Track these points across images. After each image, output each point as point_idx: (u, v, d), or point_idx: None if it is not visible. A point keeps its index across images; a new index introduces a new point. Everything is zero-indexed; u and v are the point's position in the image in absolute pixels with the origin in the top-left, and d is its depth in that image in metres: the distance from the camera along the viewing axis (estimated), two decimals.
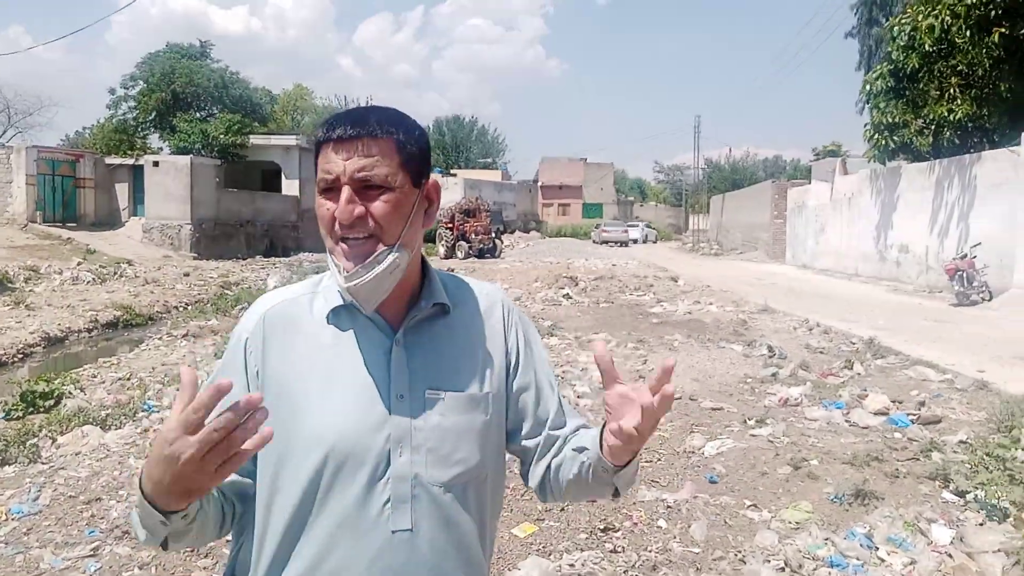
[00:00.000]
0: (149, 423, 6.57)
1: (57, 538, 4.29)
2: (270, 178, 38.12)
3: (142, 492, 1.10)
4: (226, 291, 19.43)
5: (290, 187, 37.14)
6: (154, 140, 37.36)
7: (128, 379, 8.66)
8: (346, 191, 1.22)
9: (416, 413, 1.28)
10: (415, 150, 1.29)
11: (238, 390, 1.25)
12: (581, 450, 1.36)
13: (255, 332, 1.32)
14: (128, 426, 6.49)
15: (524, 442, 1.44)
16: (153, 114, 36.87)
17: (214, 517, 1.26)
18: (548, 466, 1.43)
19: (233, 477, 1.26)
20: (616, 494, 1.37)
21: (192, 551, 4.04)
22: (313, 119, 55.52)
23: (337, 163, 1.23)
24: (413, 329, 1.32)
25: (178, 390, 1.07)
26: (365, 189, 1.23)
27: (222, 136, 34.62)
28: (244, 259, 29.94)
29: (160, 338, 12.19)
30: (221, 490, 1.28)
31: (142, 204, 31.13)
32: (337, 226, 1.24)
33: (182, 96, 36.49)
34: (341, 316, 1.31)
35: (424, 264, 1.39)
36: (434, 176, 1.35)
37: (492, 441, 1.38)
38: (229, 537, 1.38)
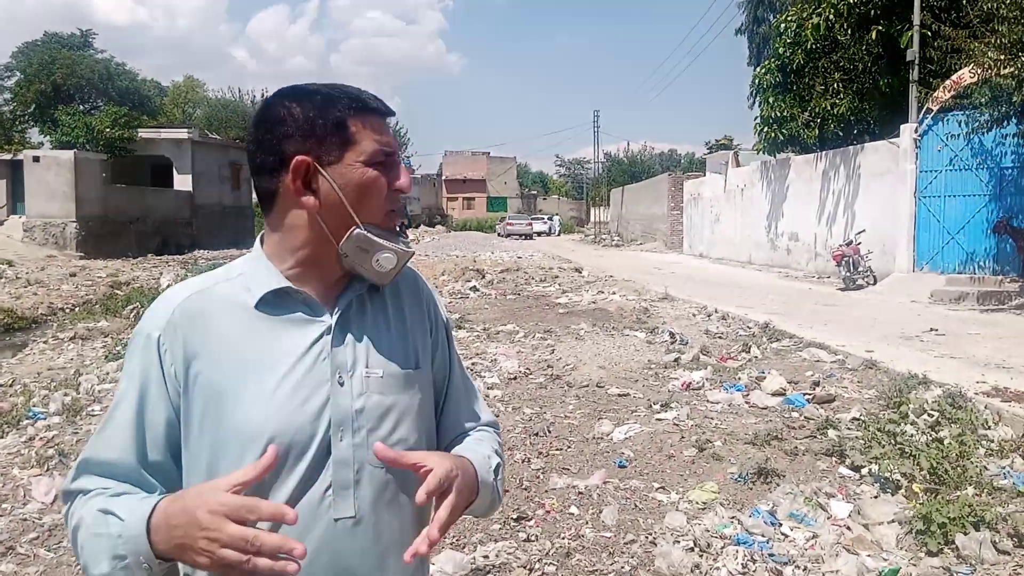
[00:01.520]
0: (35, 431, 6.17)
1: None
2: (161, 173, 36.55)
3: (148, 528, 1.08)
4: (116, 291, 18.51)
5: (182, 182, 35.73)
6: (34, 134, 35.37)
7: (11, 385, 8.13)
8: (403, 165, 1.28)
9: (356, 395, 1.24)
10: None
11: (156, 392, 1.21)
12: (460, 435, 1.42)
13: (168, 328, 1.22)
14: (11, 435, 6.08)
15: (441, 419, 1.45)
16: (32, 106, 34.89)
17: None
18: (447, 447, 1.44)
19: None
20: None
21: None
22: (205, 112, 53.57)
23: (391, 137, 1.28)
24: (347, 310, 1.29)
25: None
26: None
27: (108, 129, 32.97)
28: (135, 258, 28.56)
29: (46, 341, 11.49)
30: None
31: (22, 201, 29.30)
32: (393, 197, 1.27)
33: (63, 88, 34.62)
34: (270, 301, 1.25)
35: None
36: None
37: (426, 419, 1.36)
38: None
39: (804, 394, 6.86)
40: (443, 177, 74.46)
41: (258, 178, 1.25)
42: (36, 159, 29.02)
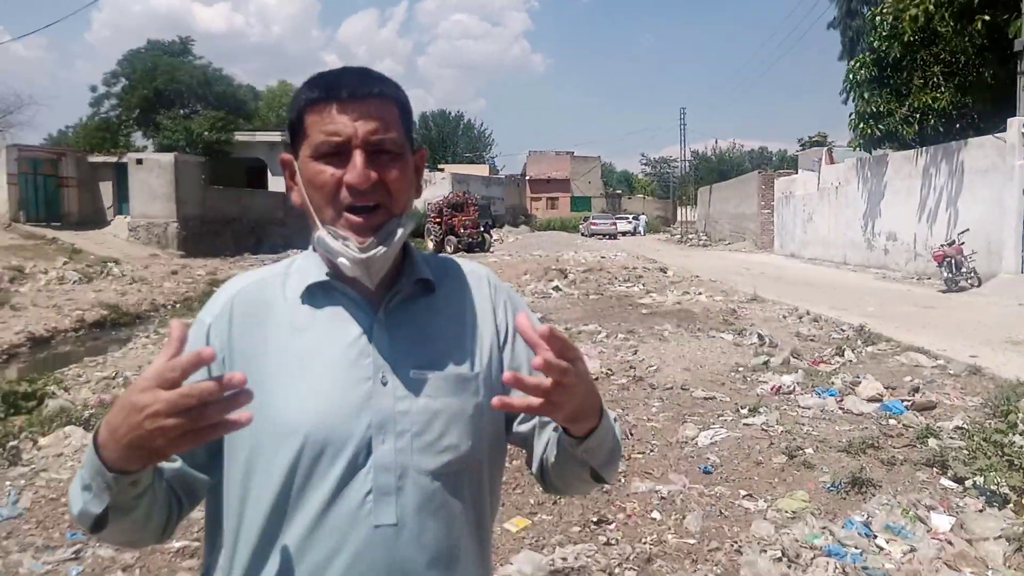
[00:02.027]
0: None
1: (38, 542, 4.19)
2: (255, 175, 37.84)
3: (95, 443, 1.00)
4: (214, 288, 19.17)
5: (276, 183, 36.85)
6: (138, 138, 37.07)
7: (114, 378, 8.53)
8: (360, 155, 1.13)
9: (400, 396, 1.17)
10: (410, 114, 1.24)
11: (200, 377, 1.15)
12: (556, 427, 1.23)
13: (220, 316, 1.21)
14: None
15: (518, 427, 1.32)
16: (136, 111, 36.59)
17: (160, 506, 1.15)
18: (544, 451, 1.30)
19: (183, 467, 1.18)
20: (597, 477, 1.23)
21: (177, 553, 3.95)
22: None
23: (345, 124, 1.14)
24: (395, 307, 1.22)
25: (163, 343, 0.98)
26: (375, 154, 1.15)
27: (206, 133, 34.37)
28: (231, 256, 29.71)
29: (147, 336, 12.05)
30: (170, 483, 1.18)
31: (127, 202, 30.81)
32: (345, 193, 1.14)
33: (165, 93, 36.18)
34: (316, 294, 1.21)
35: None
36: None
37: (486, 426, 1.25)
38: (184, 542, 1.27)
39: (902, 400, 6.56)
40: (527, 177, 74.64)
41: None
42: (139, 162, 30.47)
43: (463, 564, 1.22)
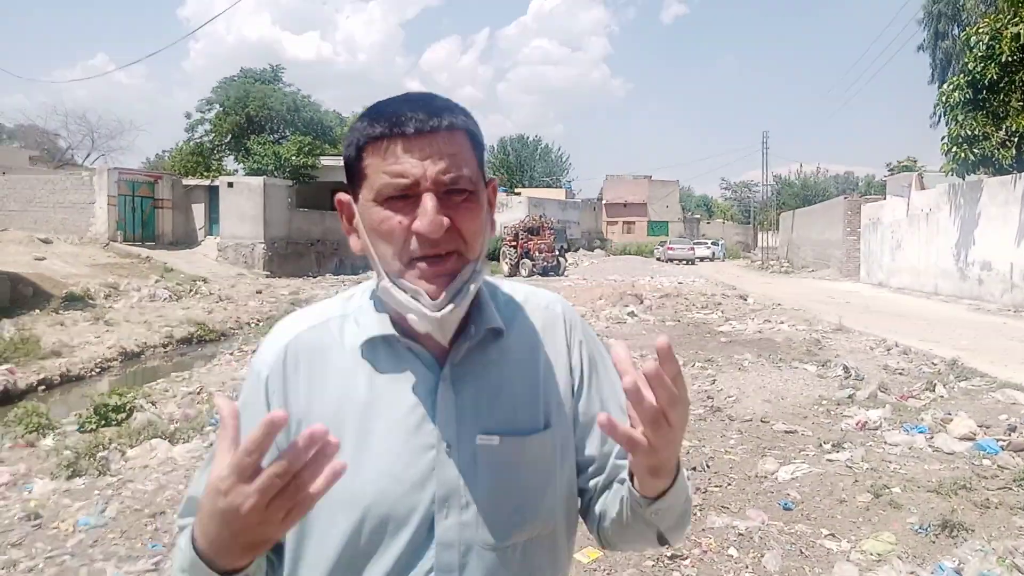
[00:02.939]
0: (216, 437, 6.62)
1: (121, 551, 4.33)
2: None
3: (196, 551, 0.91)
4: (296, 307, 19.75)
5: None
6: (229, 162, 38.64)
7: (199, 393, 8.82)
8: (430, 199, 1.00)
9: (465, 466, 1.07)
10: (482, 144, 1.11)
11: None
12: (623, 480, 1.12)
13: (275, 368, 1.11)
14: (195, 440, 6.58)
15: (590, 481, 1.21)
16: (228, 137, 38.12)
17: (263, 571, 1.08)
18: (602, 505, 1.19)
19: None
20: (663, 540, 1.12)
21: None
22: None
23: (413, 164, 1.01)
24: (462, 360, 1.11)
25: (217, 425, 0.88)
26: (447, 195, 1.03)
27: (293, 158, 35.50)
28: (314, 277, 30.58)
29: (231, 353, 12.43)
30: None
31: (217, 224, 32.11)
32: (415, 244, 1.02)
33: (255, 119, 37.58)
34: (377, 348, 1.11)
35: None
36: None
37: (561, 485, 1.16)
38: None
39: (997, 440, 6.20)
40: (603, 201, 74.44)
41: None
42: (230, 185, 31.75)
43: None
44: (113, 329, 14.63)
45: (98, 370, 11.73)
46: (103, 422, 7.27)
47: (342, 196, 1.12)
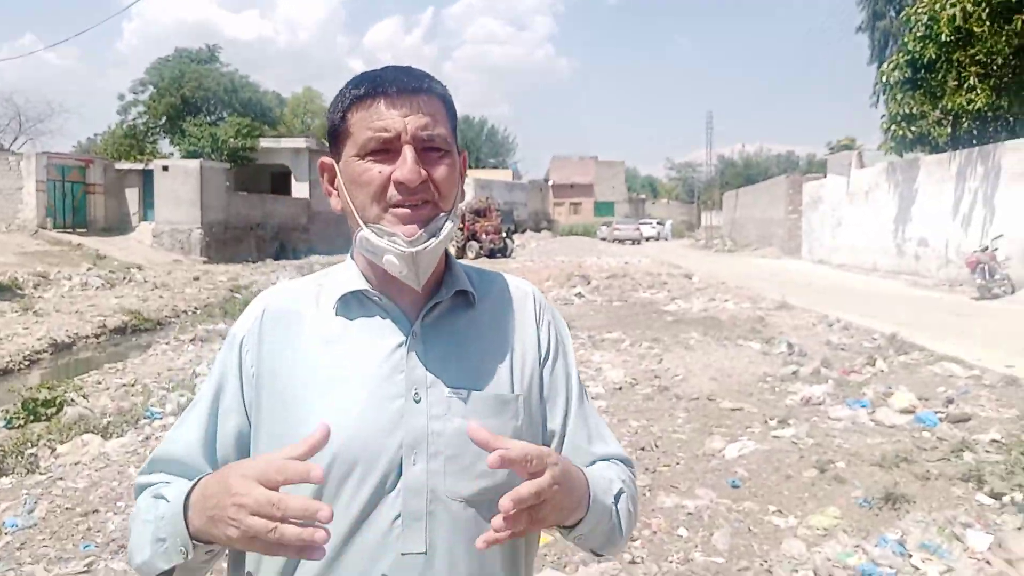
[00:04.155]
0: (151, 430, 6.40)
1: (51, 553, 4.13)
2: (280, 181, 38.13)
3: (186, 502, 1.00)
4: (235, 295, 19.36)
5: (300, 190, 37.11)
6: (164, 145, 37.64)
7: (132, 385, 8.52)
8: (410, 151, 1.09)
9: (434, 416, 1.11)
10: (455, 112, 1.20)
11: (232, 393, 1.17)
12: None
13: (252, 330, 1.18)
14: (130, 434, 6.33)
15: None
16: (163, 119, 37.15)
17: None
18: None
19: None
20: (597, 553, 1.22)
21: None
22: (323, 121, 55.61)
23: (394, 119, 1.09)
24: (433, 320, 1.17)
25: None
26: (424, 151, 1.11)
27: (232, 140, 34.72)
28: (254, 262, 29.90)
29: (168, 343, 12.05)
30: None
31: (152, 209, 31.15)
32: (393, 191, 1.09)
33: (192, 100, 36.66)
34: (350, 305, 1.17)
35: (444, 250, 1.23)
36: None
37: None
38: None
39: (936, 412, 6.35)
40: (550, 182, 74.55)
41: None
42: (165, 168, 30.78)
43: None
44: (43, 320, 14.09)
45: (27, 363, 11.25)
46: (32, 417, 6.95)
47: (324, 159, 1.20)
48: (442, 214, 1.13)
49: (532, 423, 1.20)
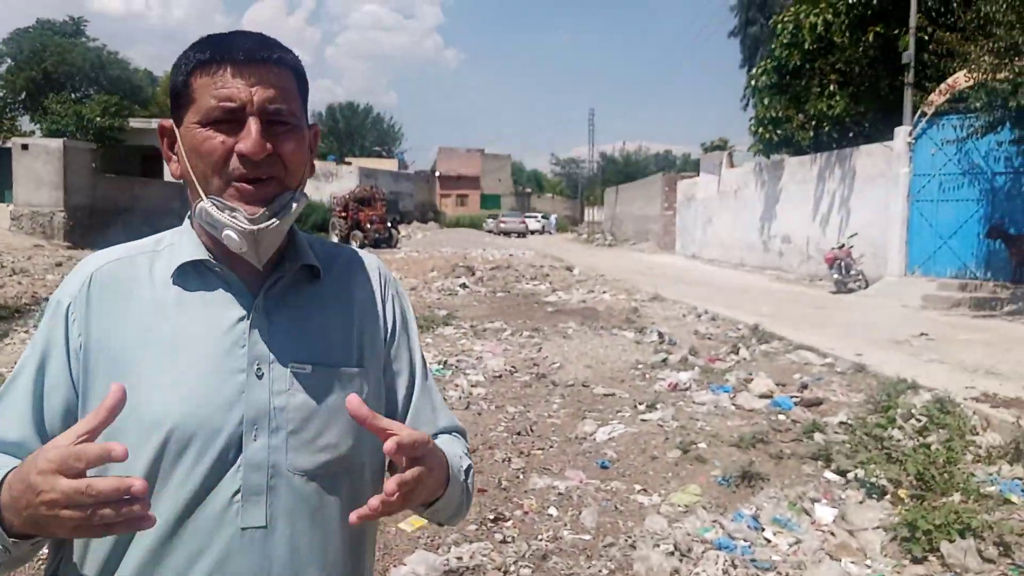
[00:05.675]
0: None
1: None
2: (151, 164, 36.31)
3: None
4: None
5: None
6: (24, 122, 35.14)
7: None
8: (255, 123, 1.04)
9: (276, 390, 1.08)
10: (307, 85, 1.16)
11: (57, 366, 1.09)
12: None
13: (79, 296, 1.10)
14: None
15: None
16: (22, 94, 34.72)
17: None
18: None
19: None
20: (440, 524, 1.26)
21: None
22: None
23: (240, 88, 1.04)
24: (276, 294, 1.13)
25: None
26: (271, 124, 1.06)
27: (98, 118, 32.82)
28: None
29: (27, 331, 11.32)
30: None
31: (10, 190, 29.02)
32: (235, 163, 1.04)
33: (54, 75, 34.44)
34: (188, 276, 1.11)
35: None
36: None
37: None
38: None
39: (791, 397, 6.78)
40: (437, 173, 74.24)
41: None
42: (25, 147, 28.72)
43: (337, 571, 1.14)
44: None
45: None
46: None
47: (164, 121, 1.13)
48: (288, 192, 1.09)
49: (376, 396, 1.20)
